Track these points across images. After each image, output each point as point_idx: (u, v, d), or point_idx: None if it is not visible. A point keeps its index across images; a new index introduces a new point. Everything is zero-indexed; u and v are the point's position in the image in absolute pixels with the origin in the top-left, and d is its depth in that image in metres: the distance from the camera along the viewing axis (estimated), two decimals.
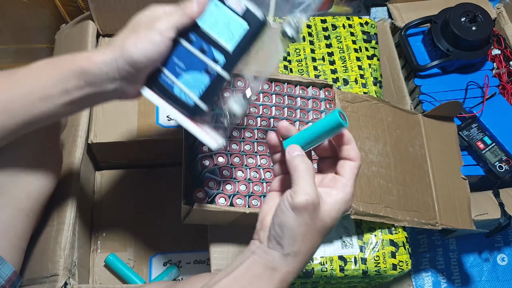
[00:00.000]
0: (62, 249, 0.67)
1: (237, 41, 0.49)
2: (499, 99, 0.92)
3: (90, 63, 0.46)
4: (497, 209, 0.84)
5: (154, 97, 0.51)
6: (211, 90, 0.50)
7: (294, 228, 0.42)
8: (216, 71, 0.50)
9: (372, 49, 0.95)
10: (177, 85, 0.50)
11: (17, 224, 0.59)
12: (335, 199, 0.44)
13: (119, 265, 0.78)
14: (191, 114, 0.52)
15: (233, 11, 0.48)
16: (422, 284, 1.00)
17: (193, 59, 0.49)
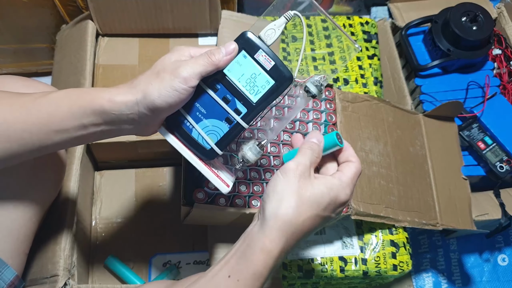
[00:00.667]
0: (61, 249, 0.67)
1: (261, 95, 0.50)
2: (499, 99, 0.91)
3: (111, 104, 0.46)
4: (497, 210, 0.83)
5: (171, 138, 0.52)
6: (228, 137, 0.52)
7: (279, 189, 0.45)
8: (237, 121, 0.51)
9: (372, 49, 0.95)
10: (196, 129, 0.51)
11: (20, 228, 0.59)
12: (329, 180, 0.46)
13: (119, 266, 0.78)
14: (206, 158, 0.53)
15: (261, 66, 0.49)
16: (422, 284, 0.99)
17: (215, 107, 0.51)
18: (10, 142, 0.47)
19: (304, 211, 0.45)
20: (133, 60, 0.87)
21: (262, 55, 0.49)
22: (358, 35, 0.96)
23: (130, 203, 0.85)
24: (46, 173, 0.61)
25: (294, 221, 0.44)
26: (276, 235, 0.44)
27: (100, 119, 0.47)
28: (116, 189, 0.86)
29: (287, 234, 0.44)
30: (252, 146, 0.53)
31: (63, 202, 0.71)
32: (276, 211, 0.44)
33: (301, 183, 0.45)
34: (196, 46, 0.50)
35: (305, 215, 0.45)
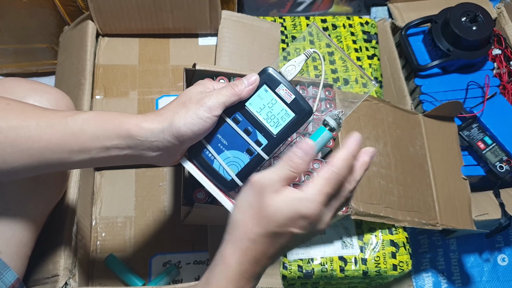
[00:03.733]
0: (62, 249, 0.67)
1: (281, 127, 0.51)
2: (499, 99, 0.91)
3: (137, 129, 0.47)
4: (497, 210, 0.83)
5: (193, 169, 0.53)
6: (249, 168, 0.52)
7: (240, 198, 0.44)
8: (258, 152, 0.52)
9: (372, 49, 0.95)
10: (217, 160, 0.52)
11: (24, 231, 0.59)
12: (289, 194, 0.42)
13: (119, 266, 0.78)
14: (226, 189, 0.53)
15: (282, 99, 0.51)
16: (422, 284, 0.99)
17: (236, 138, 0.52)
18: (31, 159, 0.48)
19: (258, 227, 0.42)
20: (133, 60, 0.88)
21: (283, 89, 0.51)
22: (358, 35, 0.96)
23: (130, 203, 0.85)
24: (51, 176, 0.61)
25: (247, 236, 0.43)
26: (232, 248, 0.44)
27: (124, 143, 0.48)
28: (116, 189, 0.86)
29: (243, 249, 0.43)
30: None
31: (64, 202, 0.71)
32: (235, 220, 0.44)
33: (259, 197, 0.43)
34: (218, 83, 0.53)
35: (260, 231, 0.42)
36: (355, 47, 0.94)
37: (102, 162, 0.50)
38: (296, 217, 0.42)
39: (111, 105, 0.83)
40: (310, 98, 0.74)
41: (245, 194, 0.44)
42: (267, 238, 0.43)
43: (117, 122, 0.48)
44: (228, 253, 0.44)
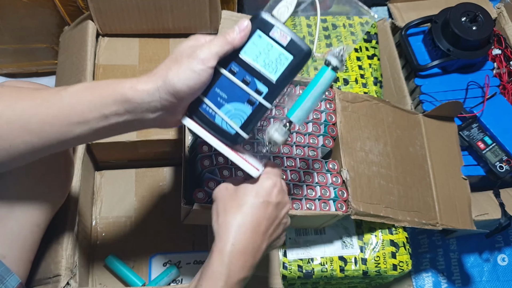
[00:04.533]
0: (64, 249, 0.67)
1: (280, 72, 0.49)
2: (499, 99, 0.91)
3: (132, 92, 0.46)
4: (497, 209, 0.83)
5: (195, 126, 0.51)
6: (252, 119, 0.51)
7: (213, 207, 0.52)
8: (259, 101, 0.50)
9: (372, 49, 0.95)
10: (218, 115, 0.50)
11: (27, 235, 0.59)
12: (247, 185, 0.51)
13: (119, 265, 0.78)
14: (232, 143, 0.52)
15: (277, 43, 0.48)
16: (422, 284, 0.99)
17: (235, 90, 0.50)
18: (31, 135, 0.47)
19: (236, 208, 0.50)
20: (133, 60, 0.88)
21: (277, 32, 0.48)
22: (358, 35, 0.96)
23: (130, 203, 0.86)
24: (54, 180, 0.61)
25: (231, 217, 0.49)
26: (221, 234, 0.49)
27: (122, 108, 0.47)
28: (116, 189, 0.86)
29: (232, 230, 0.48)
30: (278, 127, 0.52)
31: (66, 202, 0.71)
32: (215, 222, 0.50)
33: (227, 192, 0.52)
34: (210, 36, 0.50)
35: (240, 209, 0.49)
36: (355, 47, 0.94)
37: (104, 133, 0.49)
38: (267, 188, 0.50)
39: None
40: None
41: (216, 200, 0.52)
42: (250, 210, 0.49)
43: (112, 88, 0.47)
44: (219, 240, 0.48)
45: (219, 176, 0.62)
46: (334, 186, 0.69)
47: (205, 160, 0.63)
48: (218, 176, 0.62)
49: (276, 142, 0.52)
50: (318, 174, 0.69)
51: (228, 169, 0.63)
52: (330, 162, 0.71)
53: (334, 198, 0.68)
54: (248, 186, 0.50)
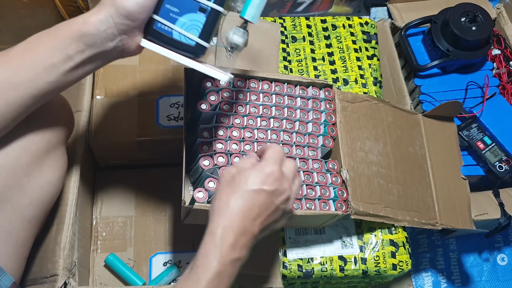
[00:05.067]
0: (61, 249, 0.67)
1: None
2: (499, 99, 0.91)
3: (86, 25, 0.48)
4: (497, 209, 0.84)
5: (155, 46, 0.52)
6: (208, 26, 0.51)
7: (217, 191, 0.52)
8: (210, 7, 0.51)
9: (372, 49, 0.95)
10: (175, 30, 0.51)
11: (19, 231, 0.58)
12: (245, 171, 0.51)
13: (119, 265, 0.78)
14: (194, 55, 0.53)
15: None
16: (422, 284, 1.00)
17: (185, 1, 0.51)
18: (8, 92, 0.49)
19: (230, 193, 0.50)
20: (133, 60, 0.88)
21: None
22: (357, 36, 0.96)
23: (130, 203, 0.86)
24: (45, 174, 0.61)
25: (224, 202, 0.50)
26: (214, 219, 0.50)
27: (81, 44, 0.48)
28: (116, 189, 0.87)
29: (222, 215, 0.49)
30: (236, 29, 0.54)
31: (63, 201, 0.71)
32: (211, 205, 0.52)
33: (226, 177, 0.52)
34: None
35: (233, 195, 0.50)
36: (354, 47, 0.95)
37: (75, 75, 0.51)
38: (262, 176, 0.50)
39: (111, 105, 0.83)
40: (310, 99, 0.74)
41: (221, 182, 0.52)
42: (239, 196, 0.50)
43: (66, 28, 0.48)
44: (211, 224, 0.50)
45: (219, 176, 0.62)
46: (334, 186, 0.69)
47: (205, 160, 0.63)
48: (218, 176, 0.62)
49: (237, 45, 0.54)
50: (318, 174, 0.69)
51: None
52: (330, 162, 0.71)
53: (334, 198, 0.68)
54: (246, 173, 0.51)
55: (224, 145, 0.65)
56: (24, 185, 0.58)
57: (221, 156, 0.64)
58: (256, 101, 0.70)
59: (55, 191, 0.64)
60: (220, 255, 0.48)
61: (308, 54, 0.93)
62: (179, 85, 0.86)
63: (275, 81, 0.72)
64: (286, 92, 0.72)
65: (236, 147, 0.66)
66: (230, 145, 0.65)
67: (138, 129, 0.81)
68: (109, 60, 0.52)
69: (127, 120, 0.82)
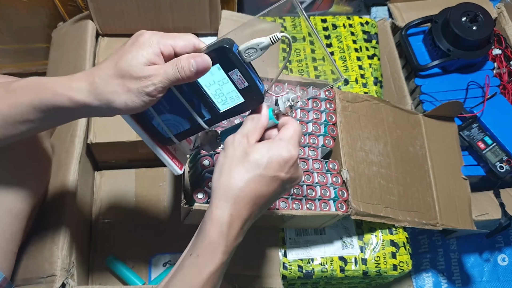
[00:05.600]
0: (59, 249, 0.67)
1: (229, 107, 0.49)
2: (499, 99, 0.91)
3: (72, 103, 0.45)
4: (497, 210, 0.83)
5: (131, 121, 0.51)
6: (188, 133, 0.52)
7: (220, 162, 0.47)
8: (199, 123, 0.50)
9: (372, 49, 0.95)
10: (156, 119, 0.51)
11: (7, 227, 0.58)
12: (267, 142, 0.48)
13: (119, 266, 0.78)
14: (162, 143, 0.53)
15: (233, 83, 0.47)
16: (422, 284, 0.99)
17: (179, 106, 0.49)
18: None
19: (243, 174, 0.46)
20: None
21: (237, 75, 0.47)
22: (358, 35, 0.96)
23: (130, 203, 0.85)
24: (29, 168, 0.61)
25: (234, 185, 0.45)
26: (220, 202, 0.46)
27: (63, 114, 0.47)
28: (116, 189, 0.86)
29: (231, 199, 0.45)
30: (212, 143, 0.54)
31: (61, 201, 0.71)
32: (217, 182, 0.46)
33: (238, 150, 0.47)
34: (164, 36, 0.45)
35: (246, 177, 0.45)
36: (355, 47, 0.94)
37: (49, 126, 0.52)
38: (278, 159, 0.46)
39: None
40: (310, 98, 0.74)
41: (222, 155, 0.47)
42: (256, 182, 0.46)
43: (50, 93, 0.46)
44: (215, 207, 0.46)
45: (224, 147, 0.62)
46: (334, 186, 0.69)
47: (205, 160, 0.62)
48: None
49: (205, 150, 0.55)
50: (318, 174, 0.68)
51: None
52: (330, 162, 0.71)
53: (334, 198, 0.68)
54: (263, 152, 0.46)
55: None
56: (10, 181, 0.58)
57: None
58: None
59: (42, 184, 0.64)
60: (226, 245, 0.45)
61: (308, 54, 0.93)
62: None
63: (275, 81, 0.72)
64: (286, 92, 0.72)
65: None
66: None
67: None
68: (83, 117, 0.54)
69: None
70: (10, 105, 0.47)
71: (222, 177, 0.46)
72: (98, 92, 0.44)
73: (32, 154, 0.61)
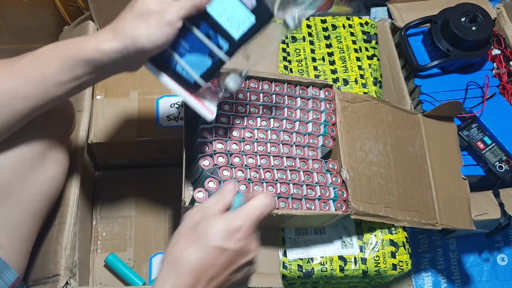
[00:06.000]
0: (63, 249, 0.67)
1: (243, 31, 0.52)
2: (499, 99, 0.91)
3: (99, 53, 0.49)
4: (497, 209, 0.84)
5: (156, 71, 0.54)
6: (211, 71, 0.54)
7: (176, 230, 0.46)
8: (219, 56, 0.53)
9: (372, 49, 0.95)
10: (180, 64, 0.54)
11: (22, 225, 0.59)
12: (222, 217, 0.45)
13: (119, 265, 0.78)
14: (190, 89, 0.56)
15: (243, 4, 0.51)
16: (422, 284, 1.00)
17: (198, 43, 0.53)
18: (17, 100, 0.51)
19: (188, 244, 0.44)
20: None
21: None
22: (357, 36, 0.96)
23: (130, 203, 0.86)
24: (49, 169, 0.61)
25: (178, 255, 0.44)
26: (163, 270, 0.44)
27: (91, 68, 0.50)
28: (116, 189, 0.87)
29: (173, 269, 0.43)
30: (234, 76, 0.58)
31: (64, 201, 0.71)
32: (165, 250, 0.45)
33: (190, 222, 0.46)
34: None
35: (190, 247, 0.43)
36: (354, 47, 0.95)
37: (78, 89, 0.53)
38: (229, 230, 0.44)
39: (111, 105, 0.83)
40: (310, 99, 0.74)
41: (180, 224, 0.46)
42: (198, 252, 0.43)
43: (77, 50, 0.49)
44: (160, 275, 0.43)
45: (219, 176, 0.62)
46: (334, 186, 0.69)
47: (205, 160, 0.63)
48: (218, 176, 0.62)
49: (230, 90, 0.58)
50: (318, 174, 0.69)
51: (228, 169, 0.63)
52: (330, 162, 0.71)
53: (333, 198, 0.68)
54: (211, 221, 0.44)
55: (224, 145, 0.65)
56: (27, 180, 0.58)
57: (221, 156, 0.64)
58: (256, 101, 0.70)
59: (58, 186, 0.64)
60: None
61: (308, 54, 0.93)
62: None
63: (275, 81, 0.72)
64: (286, 92, 0.72)
65: (236, 147, 0.66)
66: (230, 145, 0.65)
67: (138, 129, 0.81)
68: (110, 76, 0.54)
69: (127, 120, 0.82)
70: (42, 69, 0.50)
71: (170, 246, 0.45)
72: (122, 34, 0.48)
73: (51, 154, 0.61)
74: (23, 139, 0.57)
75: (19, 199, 0.58)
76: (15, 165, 0.57)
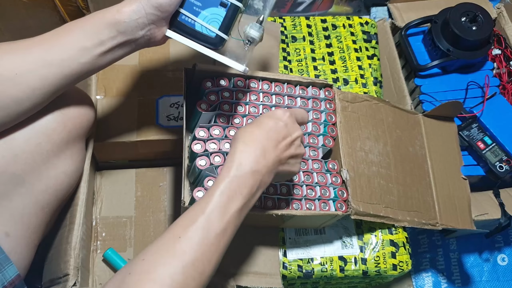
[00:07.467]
0: (72, 248, 0.67)
1: None
2: (499, 99, 0.91)
3: (120, 14, 0.53)
4: (497, 209, 0.83)
5: (178, 36, 0.57)
6: (228, 20, 0.57)
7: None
8: (230, 2, 0.56)
9: (372, 49, 0.95)
10: (197, 22, 0.57)
11: (32, 216, 0.59)
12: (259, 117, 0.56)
13: (117, 260, 0.78)
14: (214, 46, 0.58)
15: None
16: (422, 284, 1.00)
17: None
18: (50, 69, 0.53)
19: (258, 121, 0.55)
20: (133, 60, 0.88)
21: None
22: (358, 35, 0.96)
23: (130, 203, 0.86)
24: (63, 164, 0.62)
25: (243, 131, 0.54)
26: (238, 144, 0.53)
27: (114, 30, 0.53)
28: (116, 189, 0.87)
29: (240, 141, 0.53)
30: (253, 24, 0.59)
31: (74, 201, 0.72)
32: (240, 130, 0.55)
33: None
34: None
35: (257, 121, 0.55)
36: (355, 47, 0.94)
37: (103, 60, 0.55)
38: (276, 113, 0.56)
39: (111, 105, 0.83)
40: (310, 98, 0.74)
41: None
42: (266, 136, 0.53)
43: (100, 15, 0.54)
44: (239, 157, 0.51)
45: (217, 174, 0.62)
46: (334, 186, 0.69)
47: (201, 160, 0.62)
48: (216, 174, 0.62)
49: (253, 38, 0.59)
50: (317, 174, 0.69)
51: None
52: (330, 162, 0.71)
53: (334, 198, 0.68)
54: (260, 117, 0.55)
55: (217, 145, 0.64)
56: (42, 172, 0.59)
57: (217, 155, 0.63)
58: (256, 101, 0.70)
59: (70, 182, 0.65)
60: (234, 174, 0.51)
61: (308, 54, 0.93)
62: (179, 85, 0.86)
63: (275, 81, 0.72)
64: (286, 92, 0.72)
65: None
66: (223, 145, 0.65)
67: (138, 129, 0.81)
68: (137, 48, 0.57)
69: (127, 120, 0.82)
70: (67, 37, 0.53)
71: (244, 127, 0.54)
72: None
73: (68, 151, 0.62)
74: (43, 131, 0.58)
75: (31, 189, 0.58)
76: (32, 155, 0.57)
